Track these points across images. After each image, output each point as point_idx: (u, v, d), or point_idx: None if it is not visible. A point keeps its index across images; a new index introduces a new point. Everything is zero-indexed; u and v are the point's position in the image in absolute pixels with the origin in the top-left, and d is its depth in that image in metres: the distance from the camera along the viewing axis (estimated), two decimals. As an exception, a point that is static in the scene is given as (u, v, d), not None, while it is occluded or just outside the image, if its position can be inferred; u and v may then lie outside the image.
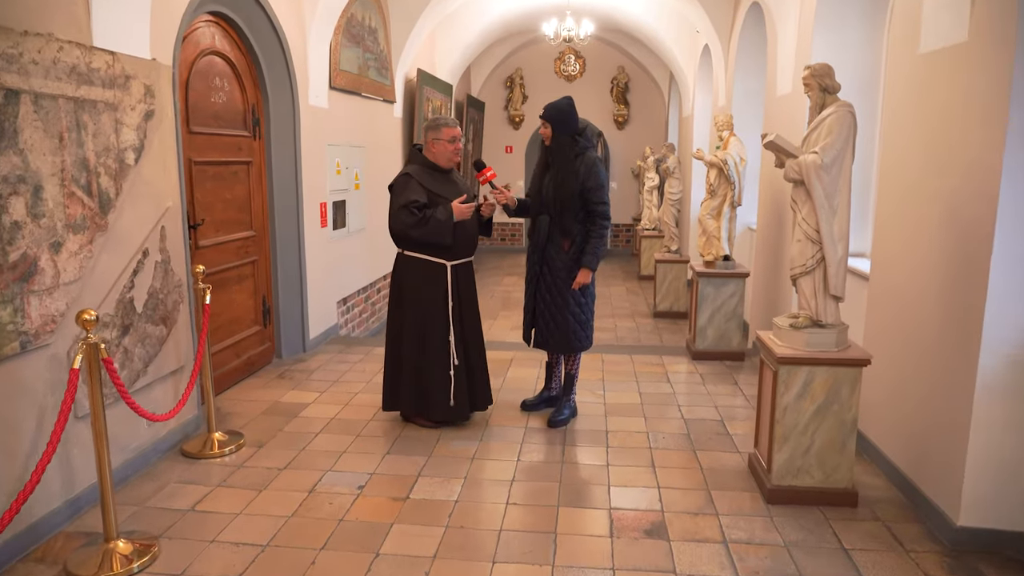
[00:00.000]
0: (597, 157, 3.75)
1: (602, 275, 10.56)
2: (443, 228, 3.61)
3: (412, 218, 3.61)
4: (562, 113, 3.71)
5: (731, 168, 5.03)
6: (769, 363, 3.11)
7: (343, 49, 5.91)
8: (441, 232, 3.62)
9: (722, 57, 7.32)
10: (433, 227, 3.61)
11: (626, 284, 9.93)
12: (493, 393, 4.50)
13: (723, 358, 5.29)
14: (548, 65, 12.78)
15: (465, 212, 3.64)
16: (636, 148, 12.51)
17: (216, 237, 4.40)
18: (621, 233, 13.14)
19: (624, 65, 12.49)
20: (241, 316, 4.75)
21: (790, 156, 2.97)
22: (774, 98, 5.32)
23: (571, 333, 3.83)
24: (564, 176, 3.69)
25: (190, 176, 4.10)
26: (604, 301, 8.57)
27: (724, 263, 5.22)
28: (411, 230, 3.64)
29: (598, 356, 5.41)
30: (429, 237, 3.66)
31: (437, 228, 3.61)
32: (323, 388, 4.62)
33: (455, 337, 3.81)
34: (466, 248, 3.83)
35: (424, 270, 3.77)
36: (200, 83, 4.19)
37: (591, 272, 3.77)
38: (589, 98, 12.66)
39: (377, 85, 6.80)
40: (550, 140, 3.76)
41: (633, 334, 6.85)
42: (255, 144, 4.85)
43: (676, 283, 7.67)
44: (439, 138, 3.73)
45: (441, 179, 3.77)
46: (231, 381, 4.61)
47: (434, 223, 3.61)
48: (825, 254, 2.91)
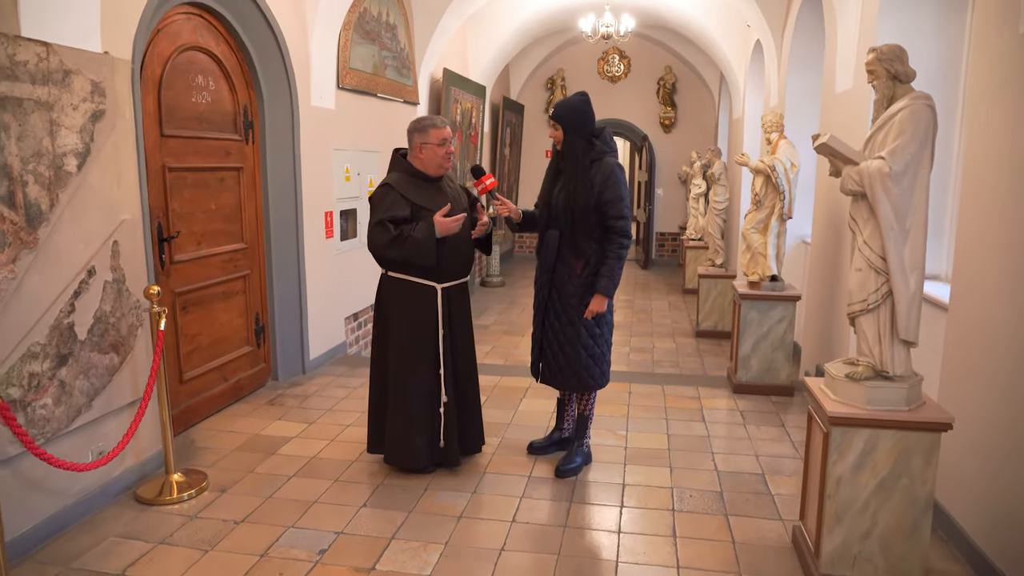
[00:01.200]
0: (617, 164, 3.18)
1: (644, 287, 9.91)
2: (424, 247, 3.10)
3: (387, 236, 3.11)
4: (575, 112, 3.16)
5: (780, 175, 4.38)
6: (820, 421, 2.49)
7: (354, 46, 5.48)
8: (422, 251, 3.11)
9: (775, 53, 6.63)
10: (412, 246, 3.11)
11: (669, 298, 9.26)
12: (501, 428, 3.98)
13: (769, 392, 4.63)
14: (591, 66, 12.19)
15: (450, 226, 3.12)
16: (683, 153, 11.80)
17: (196, 251, 4.00)
18: (667, 242, 12.43)
19: (671, 65, 11.80)
20: (228, 336, 4.34)
21: (848, 162, 2.35)
22: (832, 95, 4.65)
23: (583, 369, 3.27)
24: (577, 185, 3.14)
25: (163, 184, 3.70)
26: (643, 317, 7.93)
27: (771, 284, 4.56)
28: (386, 250, 3.14)
29: (625, 386, 4.81)
30: (409, 257, 3.16)
31: (416, 247, 3.10)
32: (313, 418, 4.16)
33: (445, 370, 3.29)
34: (458, 267, 3.31)
35: (410, 294, 3.27)
36: (178, 81, 3.79)
37: (607, 299, 3.20)
38: (634, 100, 12.04)
39: (396, 85, 6.36)
40: (561, 143, 3.21)
41: (671, 357, 6.21)
42: (247, 148, 4.44)
43: (721, 300, 6.99)
44: (426, 141, 3.22)
45: (429, 189, 3.26)
46: (214, 407, 4.20)
47: (412, 242, 3.10)
48: (893, 288, 2.28)
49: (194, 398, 4.01)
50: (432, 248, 3.11)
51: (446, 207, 3.15)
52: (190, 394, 3.98)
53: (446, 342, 3.29)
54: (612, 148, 3.21)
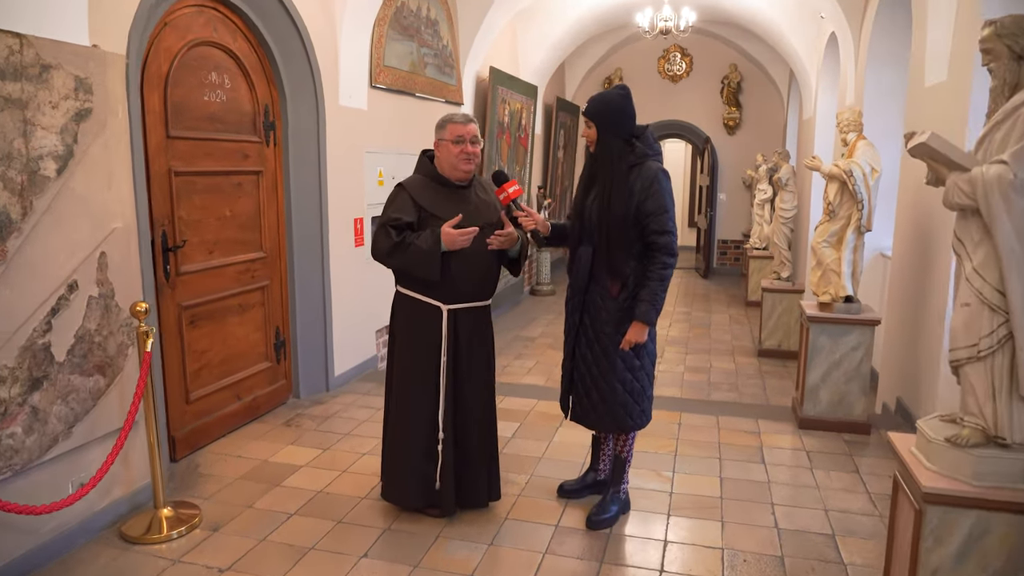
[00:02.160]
0: (661, 170, 2.72)
1: (703, 298, 9.31)
2: (425, 258, 2.72)
3: (388, 241, 2.76)
4: (610, 107, 2.71)
5: (858, 181, 3.81)
6: (910, 494, 1.98)
7: (390, 43, 5.16)
8: (422, 262, 2.73)
9: (852, 46, 5.99)
10: (412, 255, 2.74)
11: (730, 311, 8.63)
12: (531, 463, 3.58)
13: (840, 429, 4.05)
14: (651, 64, 11.63)
15: (457, 239, 2.71)
16: (748, 155, 11.11)
17: (207, 261, 3.72)
18: (729, 251, 11.74)
19: (737, 62, 11.14)
20: (243, 351, 4.06)
21: (955, 167, 1.84)
22: (920, 90, 4.05)
23: (619, 406, 2.81)
24: (612, 194, 2.69)
25: (170, 189, 3.43)
26: (702, 332, 7.37)
27: (845, 306, 3.99)
28: (386, 256, 2.79)
29: (674, 416, 4.32)
30: (409, 268, 2.80)
31: (418, 257, 2.73)
32: (329, 443, 3.83)
33: (445, 403, 2.88)
34: (472, 287, 2.89)
35: (414, 312, 2.89)
36: (188, 79, 3.52)
37: (647, 327, 2.73)
38: (696, 100, 11.42)
39: (437, 84, 6.02)
40: (595, 144, 2.77)
41: (729, 379, 5.66)
42: (268, 151, 4.16)
43: (787, 317, 6.38)
44: (443, 138, 2.84)
45: (447, 195, 2.87)
46: (226, 428, 3.92)
47: (413, 250, 2.73)
48: (1015, 330, 1.76)
49: (202, 419, 3.74)
50: (435, 261, 2.72)
51: (456, 218, 2.75)
52: (197, 415, 3.71)
53: (448, 371, 2.88)
54: (655, 151, 2.75)
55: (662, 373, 5.81)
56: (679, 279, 10.99)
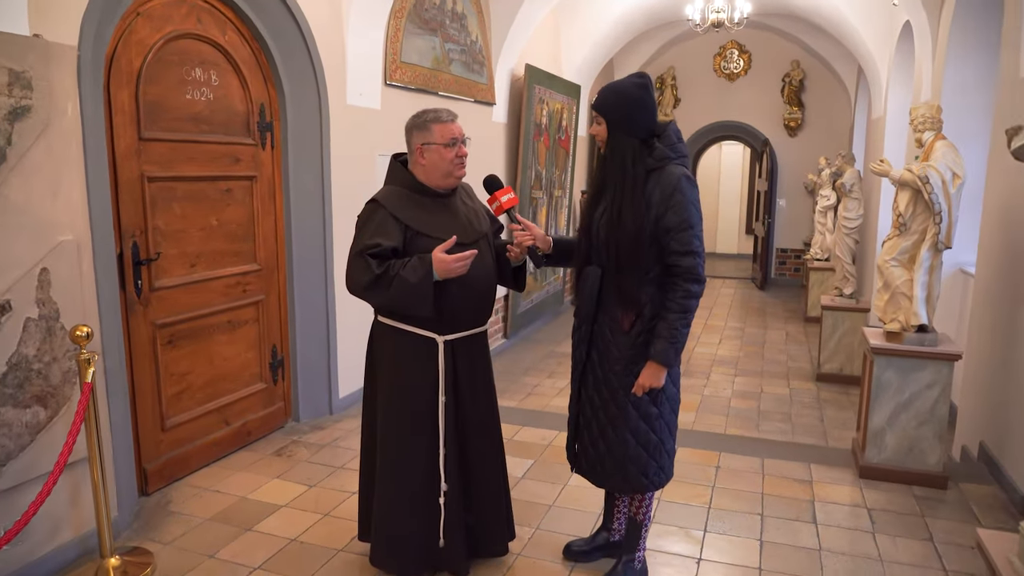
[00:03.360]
0: (685, 176, 2.21)
1: (759, 312, 8.63)
2: (415, 292, 2.26)
3: (367, 274, 2.30)
4: (622, 99, 2.22)
5: (936, 189, 3.20)
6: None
7: (408, 37, 4.77)
8: (411, 297, 2.28)
9: (929, 35, 5.30)
10: (399, 290, 2.28)
11: (787, 327, 7.95)
12: (538, 512, 3.13)
13: (911, 481, 3.44)
14: (706, 62, 10.98)
15: (452, 267, 2.26)
16: (810, 158, 10.34)
17: (188, 274, 3.39)
18: (789, 260, 10.96)
19: (799, 59, 10.39)
20: (233, 372, 3.72)
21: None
22: (1014, 82, 3.41)
23: (630, 462, 2.32)
24: (624, 205, 2.20)
25: (142, 197, 3.11)
26: (754, 350, 6.75)
27: (918, 336, 3.37)
28: (367, 293, 2.34)
29: (712, 456, 3.78)
30: (397, 305, 2.35)
31: (405, 292, 2.27)
32: (318, 478, 3.45)
33: (448, 450, 2.45)
34: (471, 313, 2.46)
35: (403, 347, 2.45)
36: (166, 75, 3.20)
37: (664, 369, 2.23)
38: (754, 99, 10.72)
39: (465, 83, 5.61)
40: (605, 145, 2.29)
41: (782, 408, 5.05)
42: (263, 154, 3.81)
43: (849, 338, 5.72)
44: (429, 141, 2.40)
45: (433, 209, 2.43)
46: (210, 457, 3.59)
47: (400, 285, 2.27)
48: None
49: (181, 447, 3.41)
50: (428, 294, 2.27)
51: (450, 241, 2.31)
52: (176, 443, 3.38)
53: (449, 413, 2.44)
54: (680, 153, 2.25)
55: (707, 398, 5.25)
56: (733, 289, 10.30)
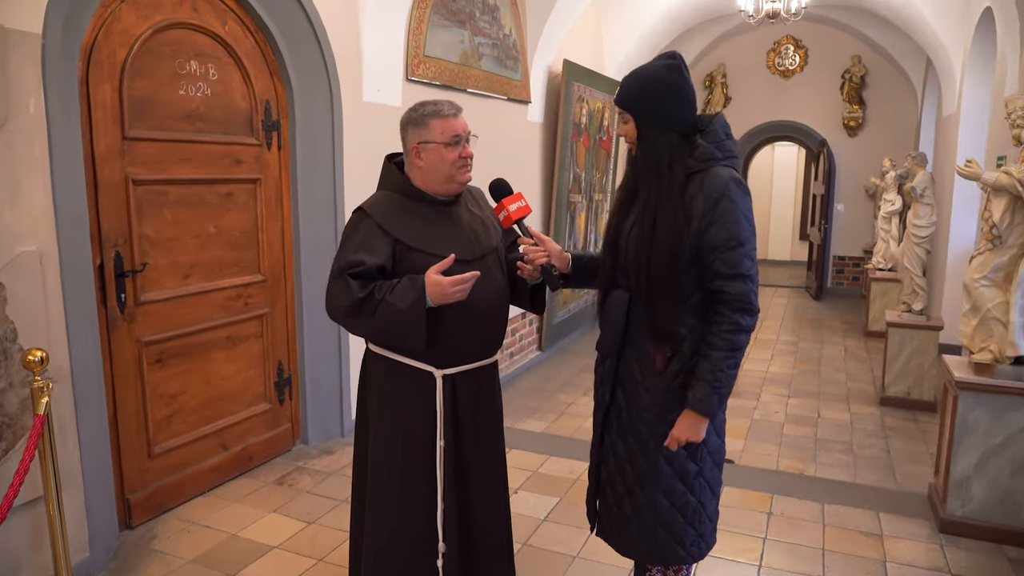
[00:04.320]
0: (734, 180, 1.78)
1: (814, 324, 8.04)
2: (404, 321, 1.89)
3: (347, 297, 1.93)
4: (650, 86, 1.79)
5: (1038, 196, 2.68)
6: None
7: (433, 29, 4.43)
8: (401, 326, 1.90)
9: (1015, 21, 4.71)
10: (384, 318, 1.90)
11: (846, 341, 7.35)
12: (556, 569, 2.71)
13: (1003, 540, 2.91)
14: (759, 58, 10.39)
15: (448, 292, 1.87)
16: (871, 160, 9.66)
17: (182, 287, 3.10)
18: (847, 268, 10.27)
19: (861, 54, 9.71)
20: (233, 392, 3.42)
21: None
22: None
23: (662, 528, 1.90)
24: (659, 216, 1.79)
25: (127, 202, 2.83)
26: (810, 368, 6.22)
27: (1014, 369, 2.86)
28: (348, 320, 1.97)
29: (763, 499, 3.32)
30: (381, 335, 1.99)
31: (392, 320, 1.89)
32: (318, 513, 3.12)
33: (447, 505, 2.07)
34: (475, 343, 2.08)
35: (395, 382, 2.08)
36: (156, 68, 2.91)
37: (706, 420, 1.81)
38: (811, 97, 10.09)
39: (496, 79, 5.24)
40: (635, 145, 1.88)
41: (842, 437, 4.54)
42: (269, 155, 3.51)
43: (918, 359, 5.16)
44: (426, 139, 2.02)
45: (431, 218, 2.06)
46: (206, 484, 3.29)
47: (386, 312, 1.89)
48: None
49: (172, 475, 3.12)
50: (419, 323, 1.89)
51: (447, 260, 1.92)
52: (165, 471, 3.09)
53: (448, 461, 2.06)
54: (728, 152, 1.82)
55: (758, 423, 4.77)
56: (786, 299, 9.69)
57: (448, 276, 1.87)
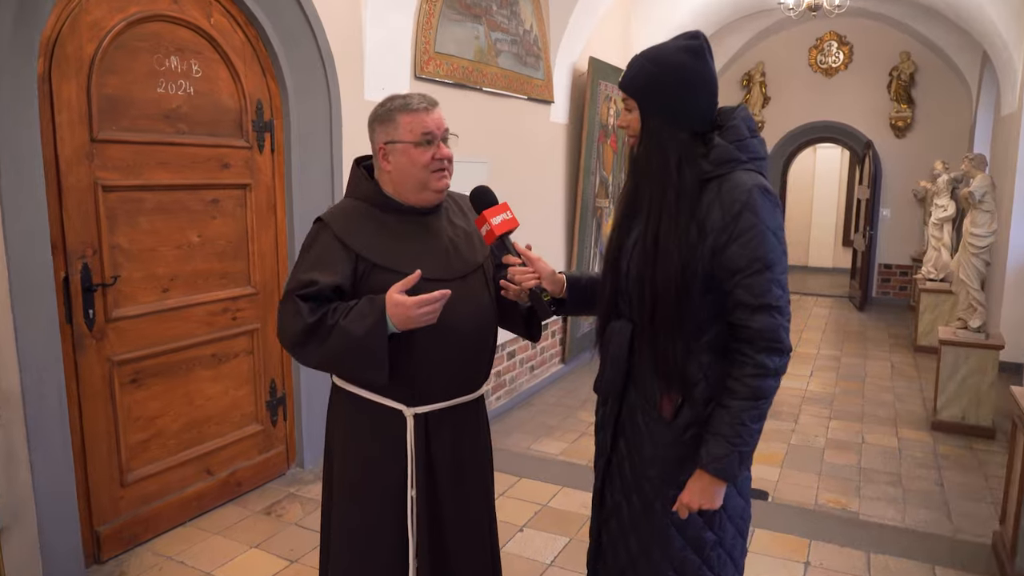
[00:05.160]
0: (759, 187, 1.44)
1: (858, 337, 7.55)
2: (361, 350, 1.60)
3: (296, 322, 1.65)
4: (663, 71, 1.46)
5: None
6: None
7: (445, 24, 4.16)
8: (358, 357, 1.61)
9: (1089, 7, 4.25)
10: (339, 347, 1.61)
11: (893, 357, 6.86)
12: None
13: (1083, 605, 2.51)
14: (800, 56, 9.90)
15: (414, 313, 1.57)
16: (920, 162, 9.11)
17: (160, 301, 2.87)
18: (893, 277, 9.71)
19: (910, 49, 9.17)
20: (219, 413, 3.19)
21: None
22: None
23: (672, 606, 1.58)
24: (664, 230, 1.46)
25: (95, 209, 2.60)
26: (853, 387, 5.77)
27: (1098, 406, 2.45)
28: (297, 349, 1.67)
29: (800, 544, 2.95)
30: (337, 366, 1.70)
31: (347, 349, 1.60)
32: (302, 549, 2.85)
33: (419, 562, 1.76)
34: (454, 376, 1.77)
35: (359, 421, 1.80)
36: (130, 64, 2.68)
37: (723, 484, 1.47)
38: (855, 97, 9.57)
39: (515, 78, 4.95)
40: (637, 141, 1.56)
41: (890, 466, 4.12)
42: (261, 158, 3.27)
43: (975, 380, 4.71)
44: (394, 139, 1.73)
45: (402, 231, 1.76)
46: (189, 513, 3.05)
47: (340, 339, 1.60)
48: None
49: (147, 505, 2.88)
50: (379, 352, 1.59)
51: (412, 276, 1.62)
52: (140, 500, 2.86)
53: (422, 514, 1.76)
54: (753, 153, 1.49)
55: (796, 449, 4.38)
56: (827, 309, 9.19)
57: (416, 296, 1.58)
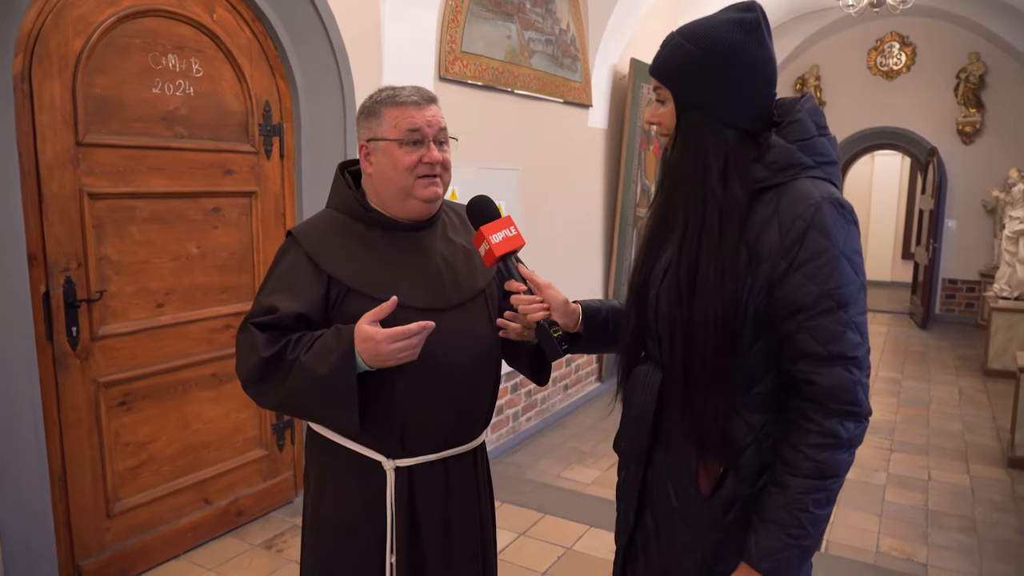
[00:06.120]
0: (830, 200, 1.10)
1: (920, 359, 7.01)
2: (326, 391, 1.32)
3: (251, 356, 1.37)
4: (709, 53, 1.14)
5: None
6: None
7: (473, 21, 3.89)
8: (322, 399, 1.34)
9: None
10: (299, 387, 1.33)
11: (961, 382, 6.31)
12: None
13: None
14: (858, 58, 9.37)
15: (386, 350, 1.28)
16: (991, 170, 8.47)
17: (153, 317, 2.66)
18: (959, 293, 9.06)
19: (980, 50, 8.56)
20: (220, 438, 2.96)
21: None
22: None
23: None
24: (704, 255, 1.14)
25: (81, 218, 2.40)
26: (915, 414, 5.30)
27: None
28: (252, 388, 1.40)
29: (863, 610, 2.57)
30: (299, 410, 1.42)
31: (308, 391, 1.33)
32: (302, 593, 2.60)
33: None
34: (444, 424, 1.47)
35: (335, 471, 1.51)
36: (120, 62, 2.48)
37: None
38: (918, 101, 8.98)
39: (550, 80, 4.66)
40: (671, 141, 1.24)
41: (962, 507, 3.68)
42: (268, 165, 3.05)
43: (1061, 414, 4.20)
44: (377, 136, 1.43)
45: (386, 250, 1.47)
46: (186, 544, 2.83)
47: (300, 378, 1.33)
48: None
49: (137, 537, 2.67)
50: (348, 392, 1.31)
51: (387, 304, 1.33)
52: (129, 532, 2.65)
53: (403, 585, 1.47)
54: (823, 156, 1.15)
55: (852, 485, 3.98)
56: (886, 327, 8.62)
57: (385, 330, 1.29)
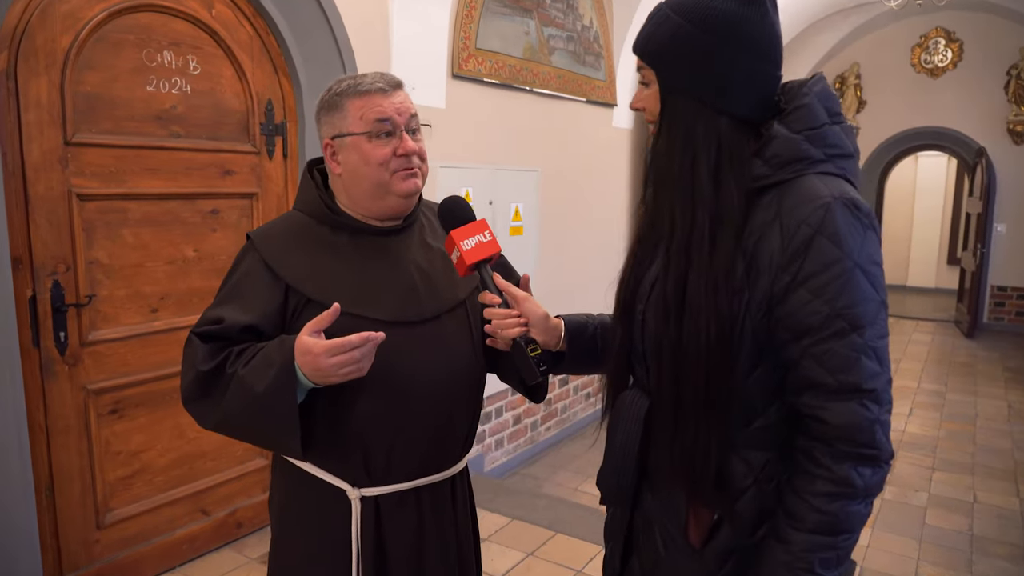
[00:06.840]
0: (846, 200, 0.93)
1: (966, 370, 6.65)
2: (263, 411, 1.17)
3: (191, 371, 1.23)
4: (693, 22, 0.98)
5: None
6: None
7: (489, 17, 3.75)
8: (260, 419, 1.19)
9: None
10: (237, 406, 1.20)
11: (1010, 395, 5.95)
12: None
13: None
14: (901, 56, 8.99)
15: (326, 364, 1.13)
16: (1046, 172, 8.05)
17: (146, 323, 2.57)
18: (1009, 301, 8.61)
19: (1032, 45, 8.15)
20: (216, 447, 2.87)
21: None
22: None
23: None
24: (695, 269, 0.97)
25: (69, 220, 2.32)
26: (960, 429, 5.00)
27: None
28: (190, 406, 1.26)
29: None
30: (240, 430, 1.27)
31: (247, 409, 1.19)
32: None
33: None
34: (414, 451, 1.32)
35: (298, 500, 1.37)
36: (112, 59, 2.40)
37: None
38: (966, 99, 8.58)
39: (573, 78, 4.50)
40: (656, 130, 1.08)
41: (1010, 534, 3.42)
42: (270, 165, 2.95)
43: (1121, 435, 3.89)
44: (343, 131, 1.29)
45: (354, 256, 1.32)
46: (180, 557, 2.74)
47: (236, 395, 1.19)
48: None
49: (128, 549, 2.58)
50: (287, 411, 1.17)
51: (328, 312, 1.17)
52: (119, 544, 2.56)
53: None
54: (836, 147, 0.98)
55: (890, 506, 3.75)
56: (930, 336, 8.24)
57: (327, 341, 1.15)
